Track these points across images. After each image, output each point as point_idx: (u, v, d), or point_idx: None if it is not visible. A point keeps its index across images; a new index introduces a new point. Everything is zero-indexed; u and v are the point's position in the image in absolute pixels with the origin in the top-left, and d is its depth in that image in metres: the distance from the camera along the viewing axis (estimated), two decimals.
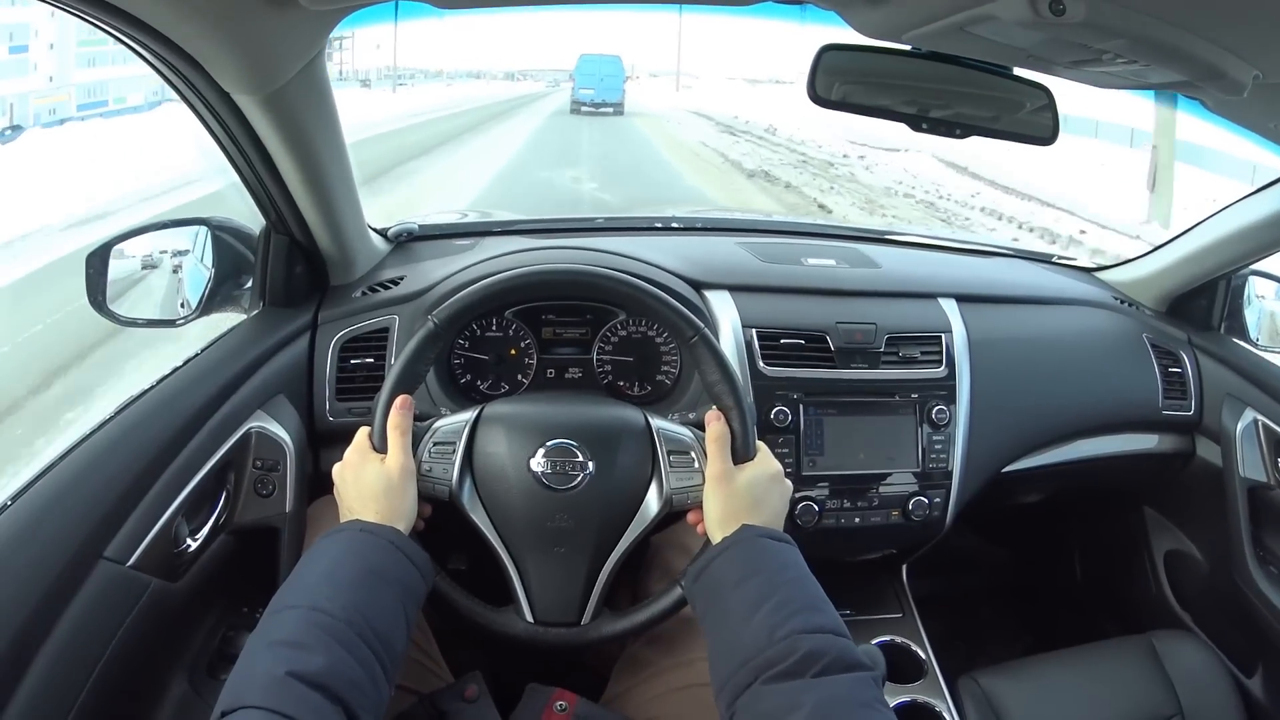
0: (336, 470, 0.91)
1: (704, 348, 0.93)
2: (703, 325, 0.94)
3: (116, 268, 1.10)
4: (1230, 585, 1.45)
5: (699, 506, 0.91)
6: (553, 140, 16.25)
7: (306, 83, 0.95)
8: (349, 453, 0.91)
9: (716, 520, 0.88)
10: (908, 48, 0.92)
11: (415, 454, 0.90)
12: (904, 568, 1.45)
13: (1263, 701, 1.42)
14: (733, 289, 1.29)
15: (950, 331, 1.32)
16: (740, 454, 0.90)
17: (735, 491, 0.88)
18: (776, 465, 0.92)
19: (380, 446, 0.89)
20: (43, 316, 4.20)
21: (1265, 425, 1.43)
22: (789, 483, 0.93)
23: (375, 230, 1.37)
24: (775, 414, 1.21)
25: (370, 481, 0.87)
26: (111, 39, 0.84)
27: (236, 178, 1.12)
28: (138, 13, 0.79)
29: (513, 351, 1.24)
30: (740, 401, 0.91)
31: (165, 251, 1.16)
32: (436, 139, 14.49)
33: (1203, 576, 1.56)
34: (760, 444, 0.93)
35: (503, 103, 25.46)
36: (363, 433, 0.91)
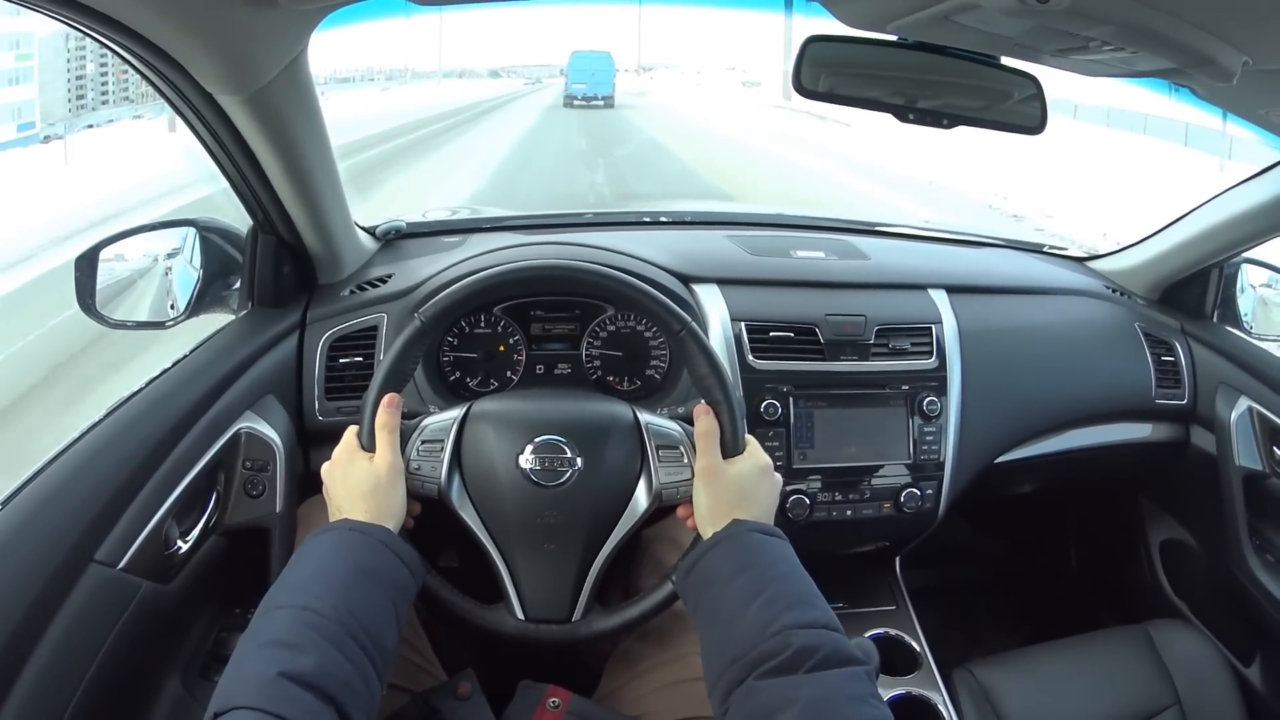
0: (325, 469, 0.91)
1: (691, 342, 0.93)
2: (690, 319, 0.94)
3: (105, 270, 1.10)
4: (1227, 574, 1.45)
5: (689, 501, 0.90)
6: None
7: (289, 82, 0.95)
8: (337, 451, 0.91)
9: (706, 515, 0.87)
10: (894, 38, 0.92)
11: (404, 452, 0.90)
12: (897, 560, 1.45)
13: (1260, 690, 1.42)
14: (721, 282, 1.29)
15: (940, 322, 1.32)
16: (729, 448, 0.90)
17: (725, 486, 0.88)
18: (766, 459, 0.92)
19: (368, 445, 0.89)
20: None
21: (1260, 414, 1.42)
22: (778, 476, 0.92)
23: (363, 228, 1.37)
24: (765, 407, 1.21)
25: (358, 480, 0.87)
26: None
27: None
28: (118, 15, 0.79)
29: (501, 348, 1.23)
30: (729, 396, 0.91)
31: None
32: None
33: (1199, 565, 1.56)
34: (749, 437, 0.92)
35: (456, 112, 19.33)
36: (351, 432, 0.91)
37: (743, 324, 1.25)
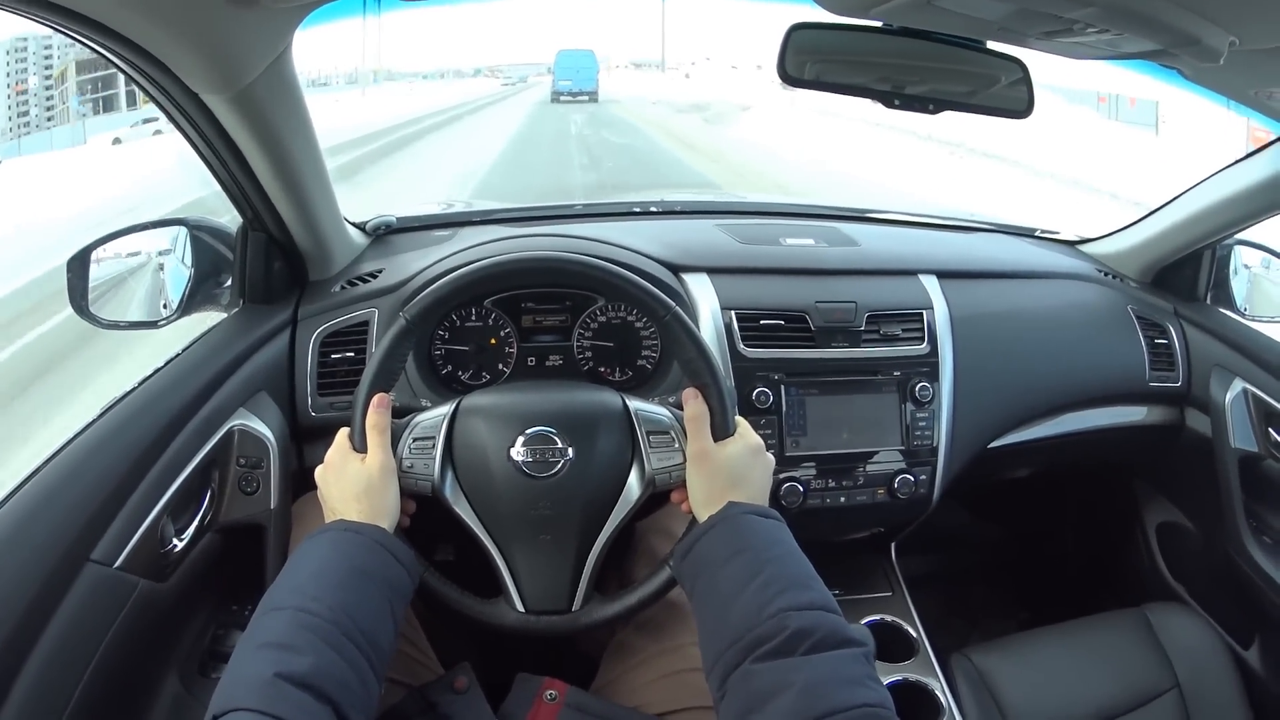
0: (319, 472, 0.91)
1: (677, 326, 0.93)
2: (674, 304, 0.94)
3: (97, 271, 1.10)
4: (1224, 557, 1.45)
5: (682, 486, 0.90)
6: None
7: (274, 80, 0.95)
8: (330, 453, 0.91)
9: (701, 499, 0.88)
10: (878, 24, 0.91)
11: (395, 451, 0.90)
12: (893, 546, 1.45)
13: (1259, 672, 1.42)
14: (711, 271, 1.29)
15: (931, 308, 1.32)
16: (720, 430, 0.89)
17: (717, 469, 0.88)
18: (757, 439, 0.92)
19: (360, 446, 0.89)
20: None
21: (1255, 395, 1.42)
22: (771, 456, 0.92)
23: (353, 224, 1.37)
24: (757, 395, 1.21)
25: (351, 482, 0.87)
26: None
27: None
28: (100, 17, 0.79)
29: (493, 341, 1.24)
30: (717, 378, 0.91)
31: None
32: None
33: (1196, 548, 1.56)
34: (740, 419, 0.92)
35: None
36: (342, 433, 0.91)
37: (733, 312, 1.25)
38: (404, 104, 19.29)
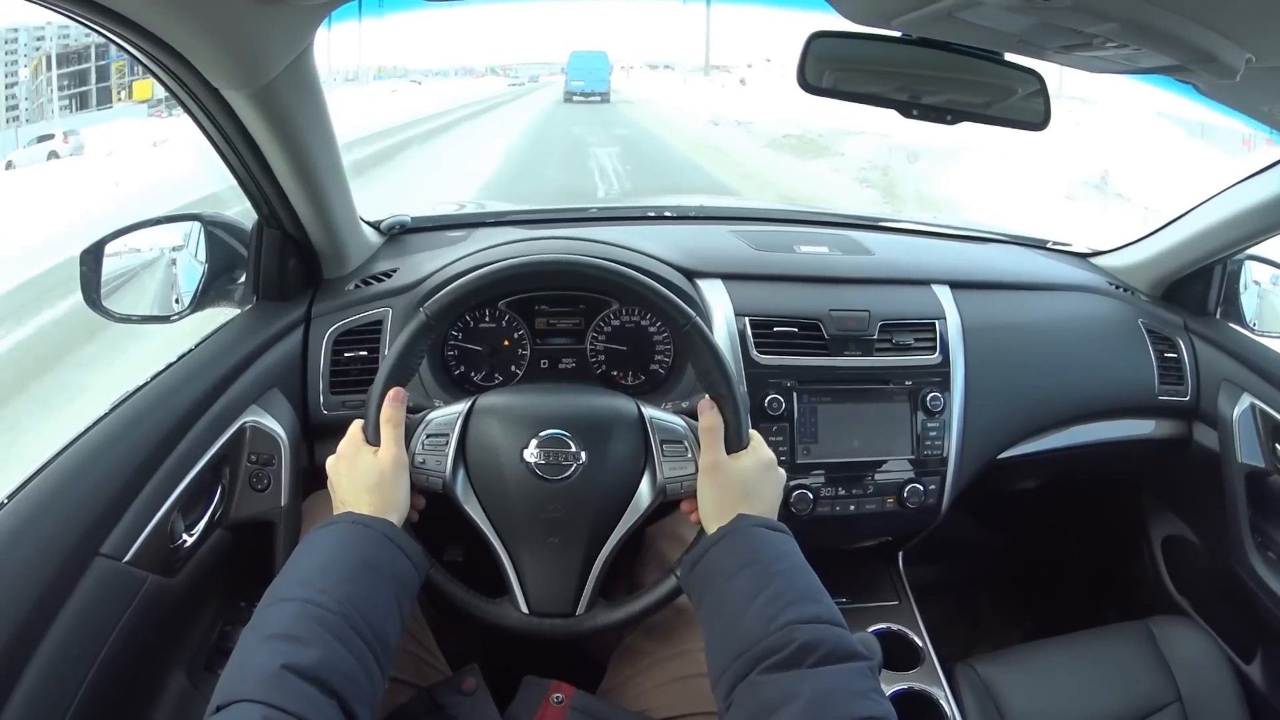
0: (330, 463, 0.91)
1: (696, 336, 0.93)
2: (694, 314, 0.94)
3: (110, 264, 1.10)
4: (1229, 571, 1.45)
5: (693, 496, 0.90)
6: None
7: (295, 77, 0.95)
8: (342, 445, 0.91)
9: (711, 511, 0.88)
10: (898, 34, 0.92)
11: (408, 446, 0.90)
12: (900, 555, 1.45)
13: (1261, 688, 1.43)
14: (726, 277, 1.29)
15: (944, 318, 1.32)
16: (733, 443, 0.90)
17: (729, 481, 0.88)
18: (770, 454, 0.92)
19: (373, 439, 0.89)
20: None
21: (1263, 411, 1.42)
22: (782, 471, 0.92)
23: (368, 223, 1.37)
24: (769, 402, 1.21)
25: (363, 474, 0.87)
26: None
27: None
28: (126, 11, 0.79)
29: (506, 342, 1.24)
30: (733, 391, 0.91)
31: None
32: None
33: (1201, 562, 1.56)
34: (753, 433, 0.93)
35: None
36: (356, 425, 0.91)
37: (747, 319, 1.25)
38: (361, 117, 13.92)
